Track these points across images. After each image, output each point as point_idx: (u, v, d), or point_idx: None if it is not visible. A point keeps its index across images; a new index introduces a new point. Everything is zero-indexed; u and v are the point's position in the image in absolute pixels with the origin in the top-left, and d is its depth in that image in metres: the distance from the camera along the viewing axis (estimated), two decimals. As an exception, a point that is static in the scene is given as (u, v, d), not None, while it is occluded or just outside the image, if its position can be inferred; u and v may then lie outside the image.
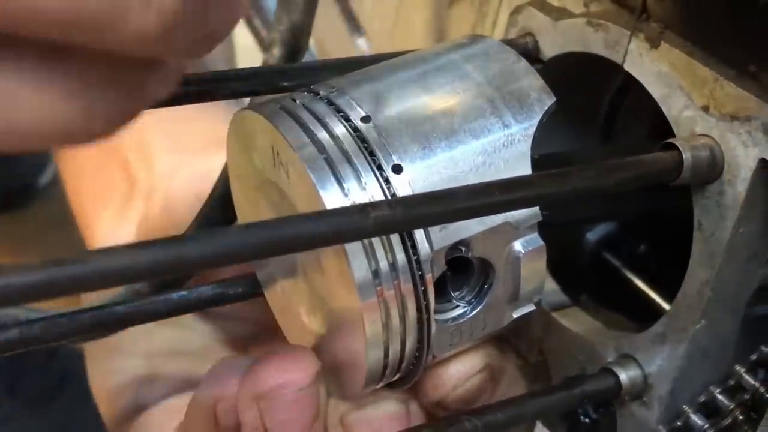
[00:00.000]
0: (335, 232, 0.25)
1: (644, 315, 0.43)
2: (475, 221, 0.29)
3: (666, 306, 0.43)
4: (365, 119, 0.30)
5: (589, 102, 0.44)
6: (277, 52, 0.41)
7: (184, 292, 0.35)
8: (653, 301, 0.45)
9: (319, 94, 0.31)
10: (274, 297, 0.36)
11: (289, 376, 0.31)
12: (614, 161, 0.31)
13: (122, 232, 0.49)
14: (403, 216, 0.26)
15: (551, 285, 0.42)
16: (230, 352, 0.45)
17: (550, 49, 0.39)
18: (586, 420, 0.38)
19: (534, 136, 0.31)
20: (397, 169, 0.29)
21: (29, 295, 0.21)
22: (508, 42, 0.39)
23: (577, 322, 0.41)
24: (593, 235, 0.46)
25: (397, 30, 0.53)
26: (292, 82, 0.34)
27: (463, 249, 0.30)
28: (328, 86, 0.32)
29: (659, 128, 0.40)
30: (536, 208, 0.30)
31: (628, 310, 0.44)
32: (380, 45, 0.58)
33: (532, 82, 0.32)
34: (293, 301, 0.34)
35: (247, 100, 0.36)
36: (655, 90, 0.34)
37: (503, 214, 0.29)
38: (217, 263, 0.23)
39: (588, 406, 0.38)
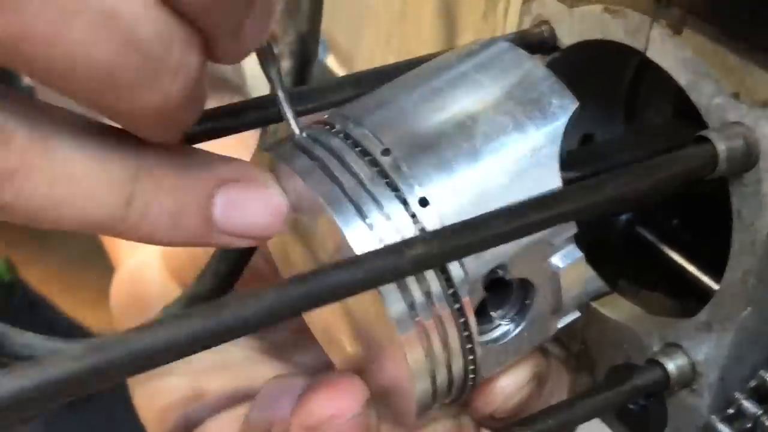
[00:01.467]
0: (373, 278, 0.24)
1: (683, 290, 0.42)
2: (510, 243, 0.29)
3: (704, 278, 0.43)
4: (385, 152, 0.29)
5: (610, 84, 0.43)
6: (287, 64, 0.40)
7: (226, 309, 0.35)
8: (691, 273, 0.44)
9: (334, 128, 0.31)
10: (312, 320, 0.36)
11: (339, 406, 0.31)
12: (648, 163, 0.30)
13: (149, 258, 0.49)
14: (439, 250, 0.25)
15: (588, 272, 0.42)
16: (272, 361, 0.45)
17: (567, 38, 0.38)
18: (636, 408, 0.38)
19: (560, 144, 0.30)
20: (424, 202, 0.28)
21: (68, 391, 0.21)
22: (524, 33, 0.38)
23: (617, 310, 0.40)
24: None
25: (405, 20, 0.52)
26: (307, 105, 0.33)
27: (501, 272, 0.29)
28: (343, 117, 0.31)
29: (683, 104, 0.39)
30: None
31: (667, 287, 0.43)
32: (389, 31, 0.57)
33: (552, 87, 0.30)
34: (333, 327, 0.34)
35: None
36: (681, 77, 0.33)
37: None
38: (258, 326, 0.23)
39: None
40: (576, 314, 0.32)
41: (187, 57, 0.22)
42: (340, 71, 0.77)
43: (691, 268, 0.44)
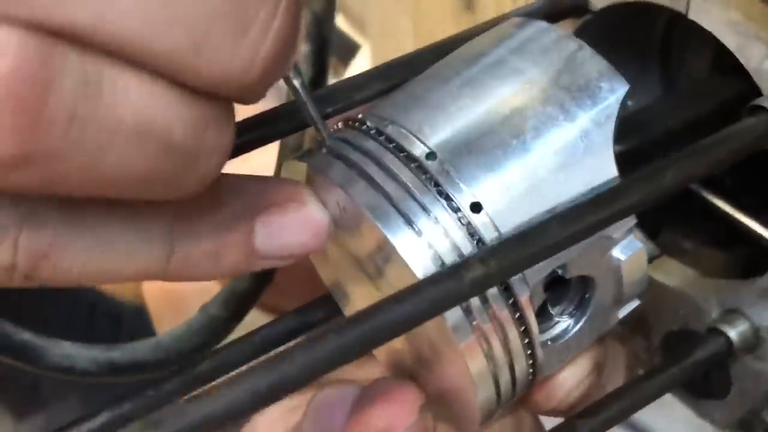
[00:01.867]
0: (433, 308, 0.23)
1: (735, 241, 0.40)
2: (569, 244, 0.27)
3: (756, 226, 0.41)
4: (430, 156, 0.27)
5: (642, 46, 0.41)
6: (304, 48, 0.38)
7: (265, 331, 0.34)
8: (742, 223, 0.42)
9: (367, 128, 0.29)
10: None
11: (395, 416, 0.30)
12: (704, 143, 0.28)
13: None
14: (498, 268, 0.24)
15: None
16: None
17: (600, 0, 0.36)
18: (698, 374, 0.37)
19: (614, 131, 0.28)
20: (476, 208, 0.27)
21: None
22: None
23: (671, 274, 0.39)
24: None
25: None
26: (335, 105, 0.32)
27: (560, 271, 0.28)
28: (376, 117, 0.29)
29: (719, 58, 0.37)
30: (629, 212, 0.28)
31: (718, 242, 0.41)
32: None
33: (600, 70, 0.28)
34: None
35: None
36: (728, 40, 0.31)
37: (597, 229, 0.27)
38: (323, 373, 0.22)
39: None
40: (636, 302, 0.31)
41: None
42: (350, 31, 0.75)
43: (748, 222, 0.42)
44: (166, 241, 0.24)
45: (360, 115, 0.30)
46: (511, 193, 0.27)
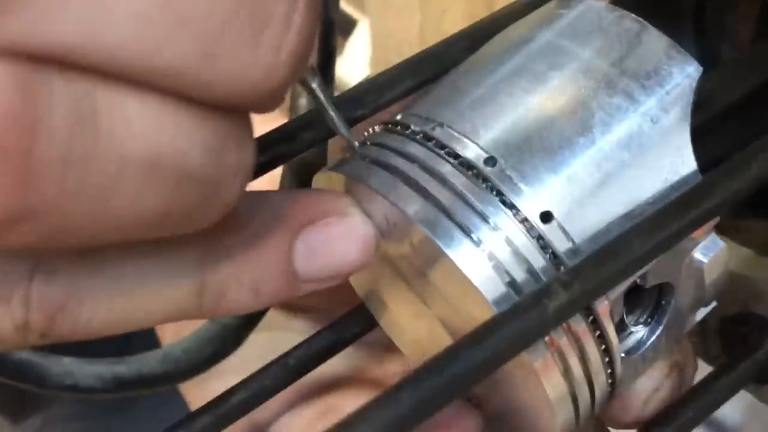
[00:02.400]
0: (517, 345, 0.21)
1: None
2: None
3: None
4: (489, 161, 0.24)
5: (676, 12, 0.38)
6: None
7: (301, 353, 0.31)
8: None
9: (412, 130, 0.26)
10: (395, 330, 0.32)
11: None
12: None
13: None
14: (582, 293, 0.21)
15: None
16: None
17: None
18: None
19: (691, 120, 0.25)
20: (547, 217, 0.24)
21: None
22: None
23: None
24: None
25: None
26: (362, 110, 0.28)
27: (639, 281, 0.25)
28: (418, 117, 0.26)
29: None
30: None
31: None
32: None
33: (669, 53, 0.25)
34: (431, 342, 0.30)
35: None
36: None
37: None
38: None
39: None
40: (712, 304, 0.28)
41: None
42: (345, 6, 0.71)
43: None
44: (198, 275, 0.21)
45: (399, 116, 0.27)
46: (582, 198, 0.24)
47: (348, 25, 0.73)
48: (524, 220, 0.24)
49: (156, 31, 0.16)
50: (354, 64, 0.67)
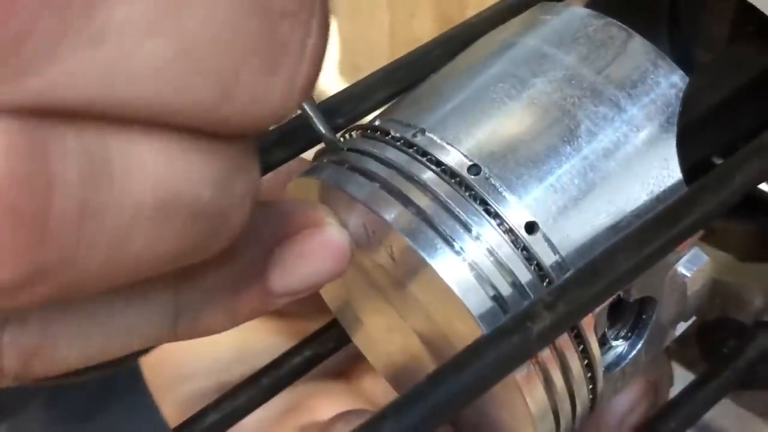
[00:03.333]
0: (501, 370, 0.20)
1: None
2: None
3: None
4: (473, 169, 0.24)
5: (650, 15, 0.38)
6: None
7: (275, 373, 0.31)
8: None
9: (391, 135, 0.25)
10: (368, 344, 0.31)
11: None
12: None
13: None
14: (566, 314, 0.21)
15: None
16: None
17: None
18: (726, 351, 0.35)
19: (677, 131, 0.25)
20: (532, 228, 0.24)
21: None
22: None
23: None
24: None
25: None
26: (343, 117, 0.28)
27: (622, 294, 0.25)
28: (397, 123, 0.25)
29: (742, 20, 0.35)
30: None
31: (755, 219, 0.39)
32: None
33: (655, 62, 0.25)
34: (399, 355, 0.30)
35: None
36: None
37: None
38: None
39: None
40: (692, 318, 0.28)
41: (251, 176, 0.18)
42: None
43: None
44: (172, 304, 0.21)
45: (377, 122, 0.27)
46: (568, 208, 0.24)
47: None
48: (509, 231, 0.24)
49: (175, 79, 0.15)
50: (323, 67, 0.66)
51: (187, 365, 0.48)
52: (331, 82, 0.66)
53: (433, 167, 0.24)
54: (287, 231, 0.23)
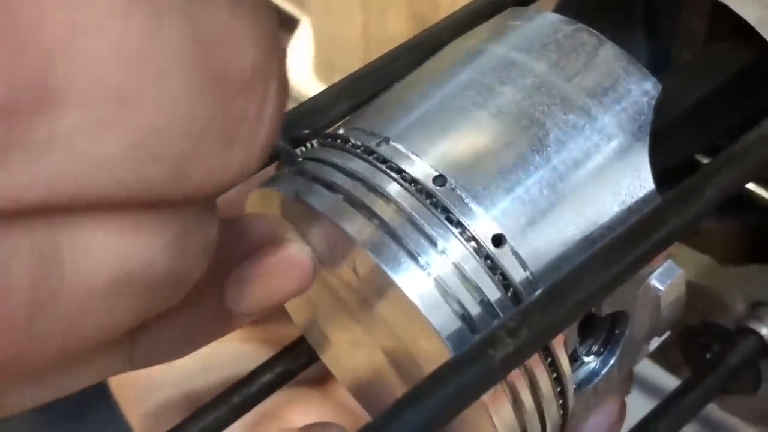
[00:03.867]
0: (461, 400, 0.20)
1: (757, 219, 0.37)
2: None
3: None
4: (438, 180, 0.23)
5: (624, 16, 0.37)
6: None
7: (245, 391, 0.30)
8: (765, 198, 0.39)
9: (351, 144, 0.25)
10: (333, 360, 0.31)
11: None
12: (743, 145, 0.25)
13: None
14: (530, 339, 0.20)
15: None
16: (266, 354, 0.42)
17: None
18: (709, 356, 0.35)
19: (649, 139, 0.25)
20: (498, 241, 0.23)
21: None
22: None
23: (683, 262, 0.36)
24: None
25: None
26: (301, 131, 0.27)
27: (593, 310, 0.25)
28: (360, 131, 0.25)
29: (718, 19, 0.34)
30: (668, 233, 0.25)
31: (736, 220, 0.38)
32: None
33: (627, 69, 0.25)
34: (365, 372, 0.29)
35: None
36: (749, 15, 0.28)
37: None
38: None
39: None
40: (667, 332, 0.27)
41: (208, 229, 0.17)
42: (285, 4, 0.70)
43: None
44: (126, 346, 0.21)
45: (340, 130, 0.26)
46: (537, 220, 0.23)
47: (287, 25, 0.72)
48: (475, 245, 0.23)
49: (128, 171, 0.15)
50: (298, 65, 0.65)
51: (155, 376, 0.47)
52: (305, 82, 0.65)
53: (398, 178, 0.24)
54: (245, 249, 0.22)
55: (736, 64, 0.33)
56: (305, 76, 0.66)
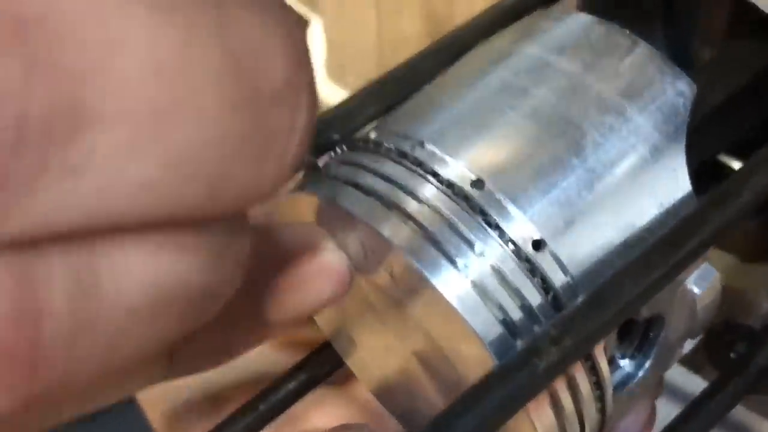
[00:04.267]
0: (507, 410, 0.20)
1: None
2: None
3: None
4: (477, 184, 0.23)
5: (643, 13, 0.37)
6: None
7: (272, 398, 0.30)
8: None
9: (385, 147, 0.25)
10: (362, 367, 0.31)
11: None
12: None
13: None
14: (574, 348, 0.20)
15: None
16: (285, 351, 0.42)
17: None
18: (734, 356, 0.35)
19: (686, 141, 0.25)
20: (539, 245, 0.23)
21: None
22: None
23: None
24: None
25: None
26: (330, 136, 0.27)
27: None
28: (393, 134, 0.25)
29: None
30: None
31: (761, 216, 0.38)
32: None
33: (662, 69, 0.25)
34: (395, 378, 0.29)
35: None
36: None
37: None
38: None
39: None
40: (700, 335, 0.27)
41: (242, 245, 0.17)
42: (297, 4, 0.70)
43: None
44: (165, 358, 0.21)
45: (372, 134, 0.26)
46: (576, 222, 0.23)
47: (298, 25, 0.72)
48: (515, 247, 0.23)
49: (163, 192, 0.15)
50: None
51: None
52: (319, 84, 0.65)
53: (434, 181, 0.24)
54: (280, 258, 0.22)
55: (761, 61, 0.33)
56: (318, 79, 0.66)
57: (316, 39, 0.67)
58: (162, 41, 0.14)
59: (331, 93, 0.64)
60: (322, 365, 0.31)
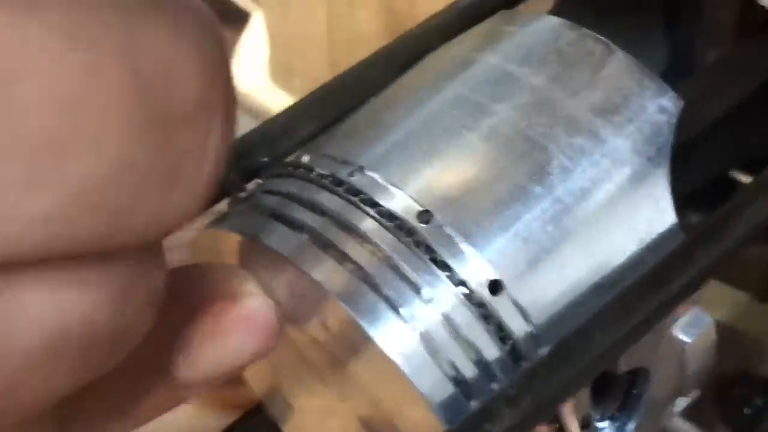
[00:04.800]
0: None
1: None
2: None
3: None
4: (423, 216, 0.24)
5: (639, 13, 0.39)
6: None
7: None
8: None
9: (318, 173, 0.26)
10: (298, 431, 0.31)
11: None
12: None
13: None
14: (534, 408, 0.21)
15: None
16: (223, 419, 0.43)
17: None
18: (750, 411, 0.36)
19: (670, 165, 0.26)
20: (496, 287, 0.24)
21: None
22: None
23: (714, 303, 0.36)
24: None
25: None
26: (269, 155, 0.28)
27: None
28: (328, 158, 0.26)
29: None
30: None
31: None
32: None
33: (641, 82, 0.26)
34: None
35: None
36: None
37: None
38: None
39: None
40: (696, 392, 0.28)
41: (154, 278, 0.18)
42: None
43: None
44: (53, 414, 0.21)
45: (304, 157, 0.27)
46: (539, 262, 0.24)
47: (238, 18, 0.72)
48: (469, 293, 0.24)
49: (63, 226, 0.16)
50: (250, 68, 0.66)
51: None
52: (260, 88, 0.66)
53: (374, 213, 0.25)
54: (195, 304, 0.23)
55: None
56: (259, 81, 0.66)
57: (257, 35, 0.68)
58: (63, 69, 0.15)
59: (275, 99, 0.65)
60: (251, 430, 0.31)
